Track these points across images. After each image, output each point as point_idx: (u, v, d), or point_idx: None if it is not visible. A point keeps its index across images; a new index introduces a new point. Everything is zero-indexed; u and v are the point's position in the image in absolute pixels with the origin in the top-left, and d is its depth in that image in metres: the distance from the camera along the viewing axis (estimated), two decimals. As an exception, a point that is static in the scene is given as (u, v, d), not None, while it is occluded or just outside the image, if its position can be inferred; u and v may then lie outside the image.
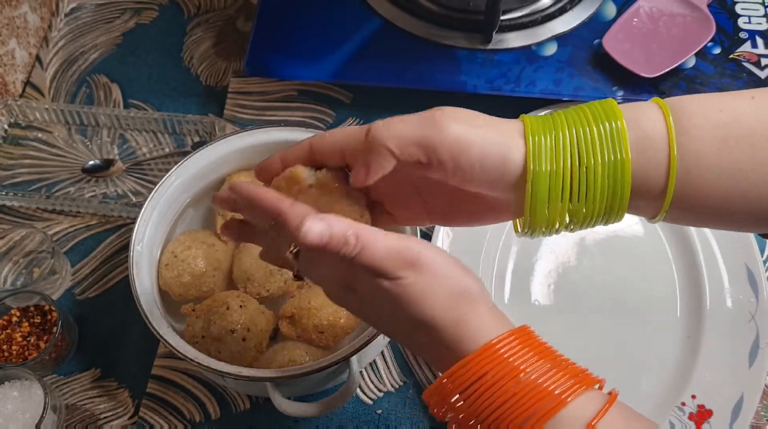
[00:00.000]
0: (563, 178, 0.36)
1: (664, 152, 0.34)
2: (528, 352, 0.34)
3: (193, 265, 0.55)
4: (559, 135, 0.36)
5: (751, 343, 0.57)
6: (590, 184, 0.35)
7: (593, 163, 0.35)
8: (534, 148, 0.36)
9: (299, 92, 0.74)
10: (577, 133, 0.35)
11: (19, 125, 0.73)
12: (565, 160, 0.35)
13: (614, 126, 0.35)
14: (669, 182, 0.34)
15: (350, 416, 0.57)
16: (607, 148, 0.35)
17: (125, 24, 0.81)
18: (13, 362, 0.57)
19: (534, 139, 0.36)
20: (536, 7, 0.72)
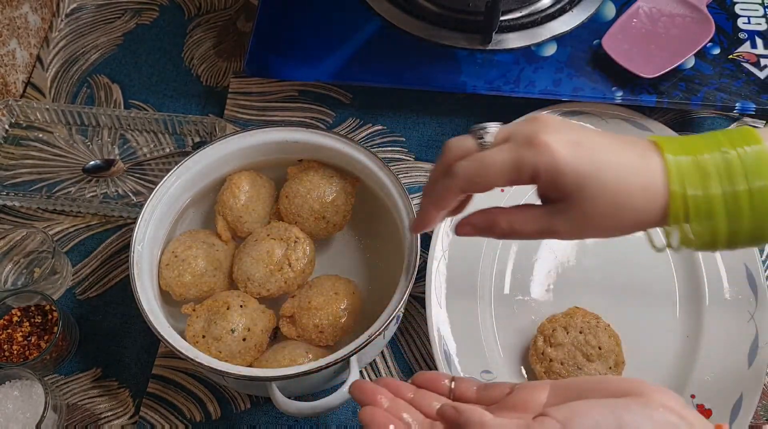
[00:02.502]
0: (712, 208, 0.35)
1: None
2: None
3: (194, 264, 0.55)
4: (703, 157, 0.35)
5: (750, 342, 0.57)
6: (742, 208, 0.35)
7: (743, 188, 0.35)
8: (678, 172, 0.35)
9: (299, 92, 0.74)
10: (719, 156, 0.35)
11: (20, 125, 0.73)
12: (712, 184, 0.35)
13: (756, 149, 0.35)
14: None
15: (350, 416, 0.58)
16: (755, 173, 0.35)
17: (126, 24, 0.81)
18: (13, 362, 0.57)
19: (676, 161, 0.36)
20: (536, 8, 0.72)
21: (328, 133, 0.58)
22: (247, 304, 0.54)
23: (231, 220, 0.58)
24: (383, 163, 0.56)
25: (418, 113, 0.73)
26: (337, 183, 0.58)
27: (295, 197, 0.58)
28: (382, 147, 0.71)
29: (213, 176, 0.60)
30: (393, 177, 0.56)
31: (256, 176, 0.60)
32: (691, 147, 0.36)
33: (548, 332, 0.56)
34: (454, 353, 0.58)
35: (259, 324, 0.53)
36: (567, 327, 0.56)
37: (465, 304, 0.60)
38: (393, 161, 0.70)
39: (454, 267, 0.61)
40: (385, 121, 0.72)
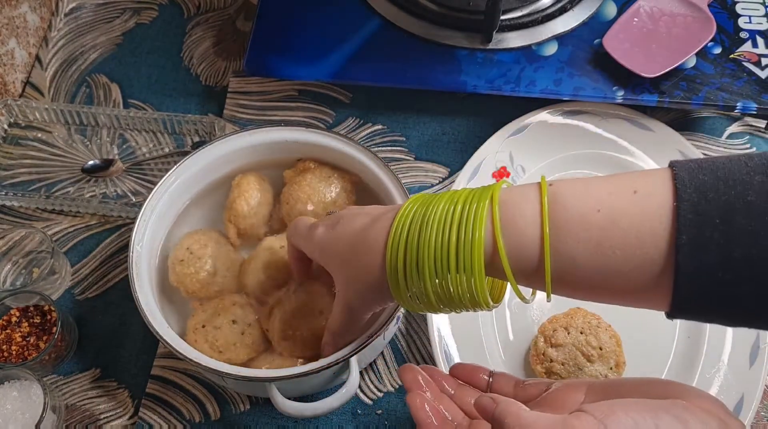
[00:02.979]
0: (420, 249, 0.37)
1: (537, 251, 0.35)
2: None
3: (209, 263, 0.55)
4: (429, 210, 0.38)
5: (751, 343, 0.57)
6: (447, 255, 0.37)
7: (448, 238, 0.37)
8: (400, 218, 0.39)
9: (299, 92, 0.74)
10: (445, 210, 0.37)
11: (19, 125, 0.73)
12: (423, 233, 0.37)
13: (478, 208, 0.36)
14: (546, 276, 0.35)
15: (350, 416, 0.57)
16: (464, 229, 0.36)
17: (125, 24, 0.81)
18: (12, 362, 0.57)
19: (405, 209, 0.39)
20: (536, 7, 0.72)
21: (328, 132, 0.58)
22: (251, 307, 0.54)
23: (243, 227, 0.58)
24: (383, 163, 0.56)
25: (418, 113, 0.73)
26: (336, 183, 0.58)
27: (297, 203, 0.57)
28: (382, 147, 0.71)
29: (212, 176, 0.60)
30: (393, 177, 0.55)
31: (261, 179, 0.59)
32: (431, 202, 0.39)
33: (549, 333, 0.56)
34: (455, 353, 0.57)
35: (262, 325, 0.53)
36: (568, 327, 0.55)
37: (465, 305, 0.59)
38: (393, 161, 0.70)
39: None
40: (385, 120, 0.72)
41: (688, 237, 0.32)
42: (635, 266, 0.34)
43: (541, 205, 0.35)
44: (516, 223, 0.36)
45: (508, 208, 0.36)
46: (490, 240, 0.36)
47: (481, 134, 0.69)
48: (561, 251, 0.35)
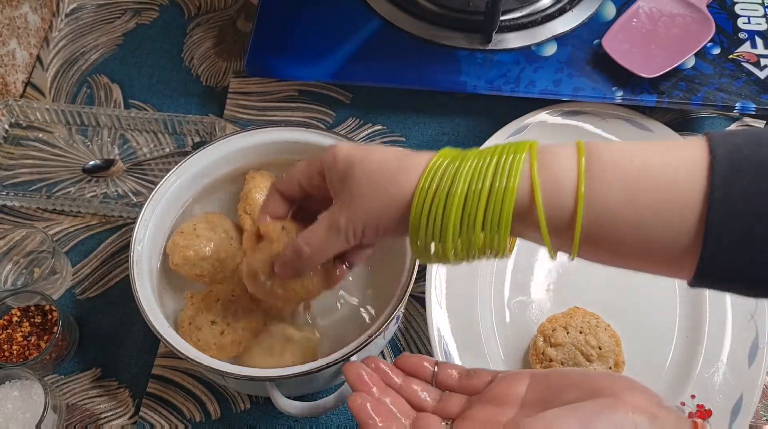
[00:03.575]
0: (447, 199, 0.37)
1: (572, 198, 0.35)
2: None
3: (203, 245, 0.55)
4: (460, 163, 0.37)
5: (750, 342, 0.57)
6: (474, 208, 0.37)
7: (480, 188, 0.36)
8: (431, 169, 0.38)
9: (299, 92, 0.74)
10: (479, 163, 0.37)
11: (20, 125, 0.73)
12: (455, 184, 0.37)
13: (514, 158, 0.36)
14: (576, 226, 0.35)
15: (350, 416, 0.58)
16: (500, 177, 0.36)
17: (126, 24, 0.81)
18: (13, 362, 0.57)
19: (436, 161, 0.38)
20: (536, 8, 0.72)
21: (329, 133, 0.58)
22: (237, 300, 0.54)
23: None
24: (383, 163, 0.56)
25: (418, 113, 0.73)
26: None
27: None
28: (382, 147, 0.71)
29: (213, 176, 0.60)
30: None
31: (272, 176, 0.60)
32: (465, 156, 0.38)
33: (548, 332, 0.56)
34: (454, 353, 0.58)
35: (242, 322, 0.53)
36: (567, 327, 0.55)
37: (465, 304, 0.60)
38: (393, 161, 0.70)
39: (454, 267, 0.61)
40: (385, 120, 0.72)
41: (721, 192, 0.32)
42: (667, 218, 0.34)
43: (577, 152, 0.36)
44: (552, 170, 0.36)
45: (545, 158, 0.36)
46: (525, 190, 0.36)
47: (480, 134, 0.69)
48: (595, 199, 0.35)
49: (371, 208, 0.39)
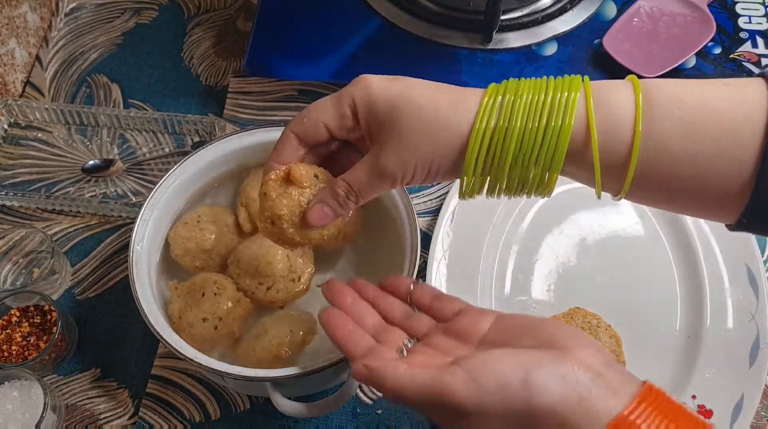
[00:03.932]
0: (506, 137, 0.36)
1: (629, 131, 0.35)
2: (657, 416, 0.32)
3: (206, 238, 0.56)
4: (514, 98, 0.37)
5: (751, 342, 0.57)
6: (530, 146, 0.36)
7: (537, 126, 0.36)
8: (486, 107, 0.37)
9: (299, 92, 0.74)
10: (533, 99, 0.36)
11: (19, 125, 0.73)
12: (512, 121, 0.36)
13: (569, 96, 0.36)
14: (631, 160, 0.35)
15: (350, 416, 0.57)
16: (556, 114, 0.36)
17: (125, 24, 0.81)
18: (12, 362, 0.57)
19: (490, 98, 0.37)
20: (536, 7, 0.72)
21: (328, 132, 0.58)
22: (222, 292, 0.54)
23: (253, 211, 0.58)
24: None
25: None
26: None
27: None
28: (382, 147, 0.71)
29: (212, 176, 0.60)
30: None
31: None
32: (517, 90, 0.37)
33: (549, 332, 0.56)
34: (455, 353, 0.57)
35: (232, 313, 0.54)
36: (568, 327, 0.55)
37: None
38: (393, 161, 0.70)
39: (455, 267, 0.61)
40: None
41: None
42: (725, 154, 0.34)
43: (633, 88, 0.35)
44: (607, 108, 0.35)
45: (600, 95, 0.36)
46: (580, 128, 0.36)
47: (481, 134, 0.69)
48: (651, 135, 0.35)
49: (425, 149, 0.37)
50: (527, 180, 0.38)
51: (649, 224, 0.64)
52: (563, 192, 0.65)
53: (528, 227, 0.64)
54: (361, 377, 0.36)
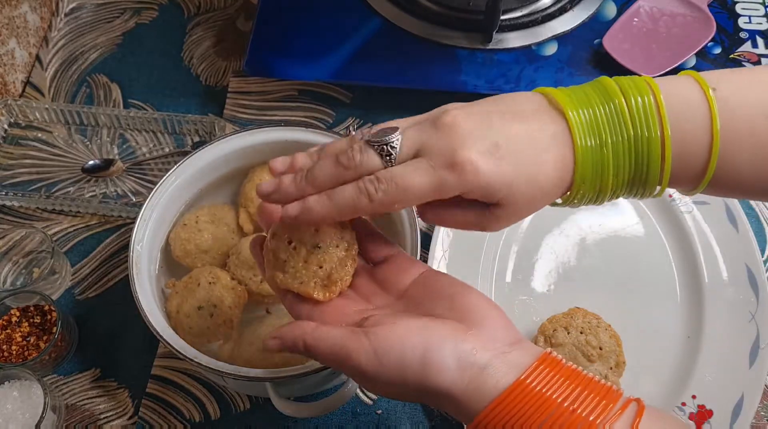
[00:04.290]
0: (606, 153, 0.35)
1: (704, 129, 0.35)
2: (558, 379, 0.33)
3: (204, 238, 0.57)
4: (595, 110, 0.36)
5: (751, 343, 0.57)
6: (623, 159, 0.36)
7: (623, 138, 0.35)
8: (576, 126, 0.35)
9: (299, 92, 0.74)
10: (611, 108, 0.35)
11: (19, 125, 0.73)
12: (603, 135, 0.35)
13: (646, 101, 0.35)
14: (711, 158, 0.35)
15: (350, 416, 0.57)
16: (640, 124, 0.35)
17: (125, 24, 0.81)
18: (12, 362, 0.57)
19: (574, 116, 0.36)
20: (536, 7, 0.72)
21: (328, 132, 0.58)
22: (216, 281, 0.55)
23: (253, 212, 0.59)
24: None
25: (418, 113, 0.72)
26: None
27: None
28: (382, 147, 0.71)
29: (213, 176, 0.60)
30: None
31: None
32: (586, 100, 0.36)
33: (549, 332, 0.56)
34: (455, 353, 0.57)
35: (227, 300, 0.54)
36: (568, 327, 0.55)
37: (465, 305, 0.59)
38: (393, 161, 0.69)
39: (455, 267, 0.61)
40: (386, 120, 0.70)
41: None
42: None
43: (708, 104, 0.35)
44: (681, 124, 0.35)
45: (672, 106, 0.35)
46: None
47: (481, 134, 0.69)
48: (725, 158, 0.35)
49: (534, 209, 0.37)
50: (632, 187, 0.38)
51: (649, 224, 0.64)
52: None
53: (528, 227, 0.64)
54: (275, 349, 0.37)
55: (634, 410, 0.33)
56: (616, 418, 0.32)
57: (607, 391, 0.33)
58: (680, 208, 0.63)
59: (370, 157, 0.36)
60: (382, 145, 0.36)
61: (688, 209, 0.63)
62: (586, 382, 0.34)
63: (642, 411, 0.33)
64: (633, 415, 0.33)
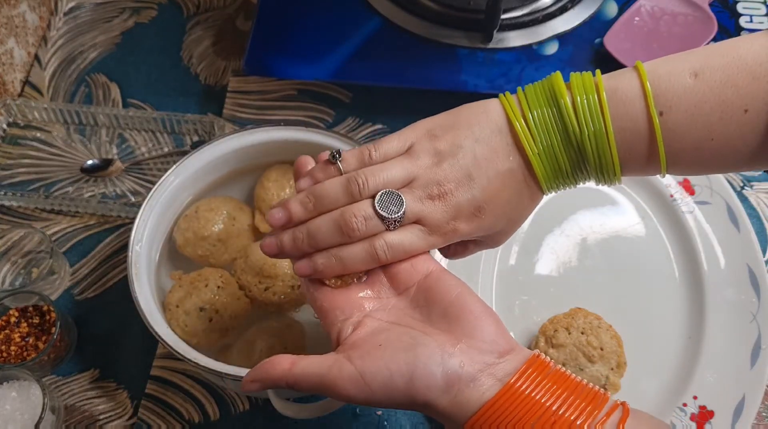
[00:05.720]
0: (556, 153, 0.39)
1: (642, 110, 0.37)
2: (546, 383, 0.34)
3: (203, 226, 0.57)
4: (543, 111, 0.39)
5: (752, 343, 0.57)
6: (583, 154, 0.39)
7: (580, 133, 0.38)
8: (523, 131, 0.39)
9: (299, 91, 0.74)
10: (559, 108, 0.39)
11: (18, 125, 0.72)
12: (555, 135, 0.39)
13: (591, 99, 0.38)
14: (659, 149, 0.37)
15: (350, 417, 0.57)
16: (591, 119, 0.38)
17: (124, 23, 0.80)
18: (11, 363, 0.57)
19: (519, 123, 0.39)
20: (537, 6, 0.72)
21: (328, 132, 0.58)
22: (226, 287, 0.54)
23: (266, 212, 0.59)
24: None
25: (418, 112, 0.72)
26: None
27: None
28: (382, 146, 0.70)
29: (212, 176, 0.60)
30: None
31: (287, 169, 0.60)
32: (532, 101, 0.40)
33: (550, 333, 0.55)
34: (455, 354, 0.57)
35: (230, 309, 0.54)
36: (569, 328, 0.55)
37: (466, 305, 0.59)
38: (393, 161, 0.69)
39: (455, 268, 0.61)
40: (385, 120, 0.72)
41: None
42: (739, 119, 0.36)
43: (641, 82, 0.37)
44: (623, 113, 0.38)
45: (613, 101, 0.38)
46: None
47: (481, 134, 0.69)
48: (668, 125, 0.37)
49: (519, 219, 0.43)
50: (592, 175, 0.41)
51: (651, 225, 0.63)
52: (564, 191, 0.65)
53: (528, 227, 0.63)
54: (252, 391, 0.38)
55: (619, 415, 0.34)
56: (603, 421, 0.33)
57: (594, 394, 0.34)
58: (681, 208, 0.63)
59: (376, 226, 0.39)
60: (391, 221, 0.39)
61: (689, 209, 0.63)
62: (574, 386, 0.34)
63: (627, 415, 0.33)
64: (618, 419, 0.33)
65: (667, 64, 0.38)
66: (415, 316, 0.38)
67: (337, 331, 0.38)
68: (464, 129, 0.40)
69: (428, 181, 0.39)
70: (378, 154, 0.41)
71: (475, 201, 0.39)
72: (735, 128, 0.36)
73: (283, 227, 0.41)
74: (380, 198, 0.39)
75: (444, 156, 0.39)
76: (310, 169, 0.42)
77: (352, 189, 0.39)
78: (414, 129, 0.42)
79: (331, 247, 0.39)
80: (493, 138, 0.39)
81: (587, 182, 0.42)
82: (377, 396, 0.35)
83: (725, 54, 0.37)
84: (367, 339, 0.36)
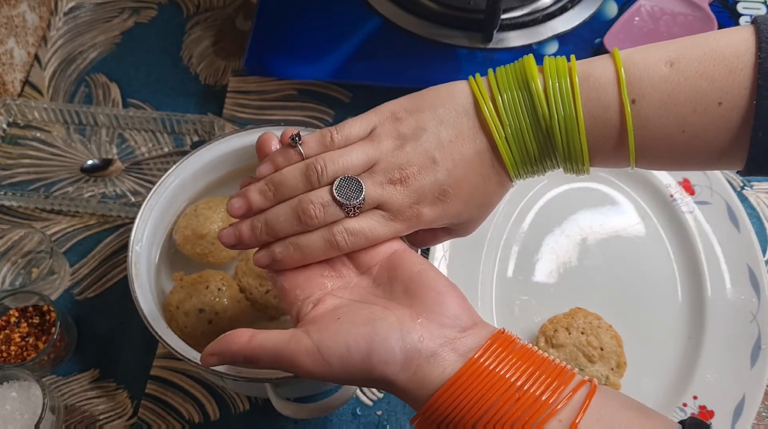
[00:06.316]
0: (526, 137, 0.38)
1: (615, 98, 0.37)
2: (511, 359, 0.34)
3: (202, 224, 0.57)
4: (513, 94, 0.38)
5: (752, 343, 0.57)
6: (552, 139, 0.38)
7: (549, 119, 0.37)
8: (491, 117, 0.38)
9: (299, 91, 0.74)
10: (530, 91, 0.38)
11: (18, 125, 0.72)
12: (524, 119, 0.38)
13: (563, 83, 0.37)
14: (629, 139, 0.37)
15: (350, 417, 0.57)
16: (561, 105, 0.37)
17: (124, 23, 0.80)
18: (11, 363, 0.57)
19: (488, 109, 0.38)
20: (537, 6, 0.72)
21: (328, 132, 0.58)
22: (227, 289, 0.54)
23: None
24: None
25: (418, 112, 0.72)
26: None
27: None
28: (382, 146, 0.70)
29: (212, 176, 0.60)
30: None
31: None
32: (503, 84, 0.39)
33: (550, 333, 0.55)
34: (455, 354, 0.57)
35: (230, 311, 0.54)
36: (569, 327, 0.55)
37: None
38: (393, 160, 0.69)
39: (455, 268, 0.61)
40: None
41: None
42: (713, 112, 0.35)
43: (615, 68, 0.37)
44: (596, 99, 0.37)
45: (585, 87, 0.37)
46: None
47: (481, 134, 0.69)
48: (640, 114, 0.36)
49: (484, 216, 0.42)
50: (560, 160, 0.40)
51: (651, 224, 0.63)
52: (564, 191, 0.65)
53: (529, 227, 0.63)
54: (214, 365, 0.37)
55: (586, 391, 0.33)
56: (569, 396, 0.32)
57: (561, 370, 0.33)
58: (681, 208, 0.63)
59: (335, 213, 0.38)
60: (350, 208, 0.38)
61: (689, 209, 0.63)
62: (540, 362, 0.34)
63: (594, 391, 0.33)
64: (585, 395, 0.32)
65: (643, 52, 0.37)
66: (377, 293, 0.37)
67: (297, 309, 0.38)
68: (429, 111, 0.39)
69: (390, 166, 0.38)
70: (340, 137, 0.39)
71: (438, 184, 0.38)
72: (708, 121, 0.35)
73: (243, 217, 0.40)
74: (339, 184, 0.38)
75: (407, 139, 0.38)
76: (272, 154, 0.41)
77: (310, 176, 0.38)
78: (377, 112, 0.41)
79: (291, 236, 0.39)
80: (459, 120, 0.39)
81: (555, 170, 0.41)
82: (335, 371, 0.34)
83: (703, 45, 0.36)
84: (326, 314, 0.36)
